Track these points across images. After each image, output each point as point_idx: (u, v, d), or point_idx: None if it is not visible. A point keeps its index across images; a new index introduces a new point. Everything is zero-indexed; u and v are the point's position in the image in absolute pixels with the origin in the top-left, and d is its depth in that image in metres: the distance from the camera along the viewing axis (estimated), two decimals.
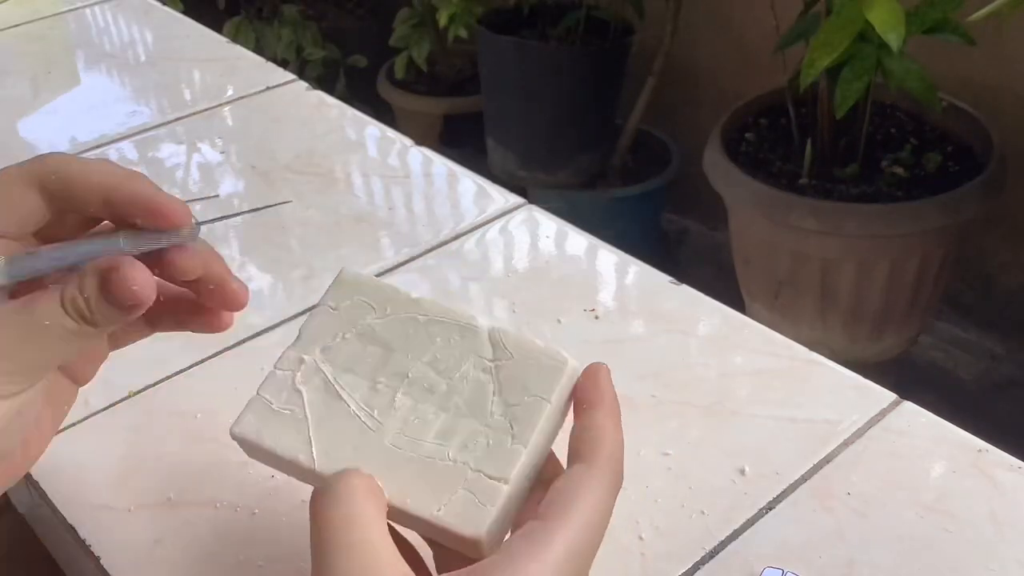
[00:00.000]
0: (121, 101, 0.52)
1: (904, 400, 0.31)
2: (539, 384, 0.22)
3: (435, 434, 0.22)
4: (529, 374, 0.22)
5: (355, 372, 0.23)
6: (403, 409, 0.22)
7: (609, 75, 1.13)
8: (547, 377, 0.22)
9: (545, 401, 0.22)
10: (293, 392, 0.23)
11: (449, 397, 0.22)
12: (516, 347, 0.23)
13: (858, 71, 0.77)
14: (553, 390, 0.22)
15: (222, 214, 0.25)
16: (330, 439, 0.22)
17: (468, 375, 0.23)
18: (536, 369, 0.22)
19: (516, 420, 0.22)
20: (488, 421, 0.22)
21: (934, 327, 1.03)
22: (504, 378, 0.22)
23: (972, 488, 0.28)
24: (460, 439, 0.22)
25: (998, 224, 0.97)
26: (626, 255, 0.39)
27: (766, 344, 0.34)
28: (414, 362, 0.23)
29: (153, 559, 0.27)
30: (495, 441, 0.22)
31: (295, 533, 0.28)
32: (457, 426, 0.22)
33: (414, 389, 0.23)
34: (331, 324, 0.24)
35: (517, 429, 0.22)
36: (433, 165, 0.46)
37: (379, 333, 0.23)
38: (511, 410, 0.22)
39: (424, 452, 0.22)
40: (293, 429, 0.22)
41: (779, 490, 0.28)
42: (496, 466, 0.22)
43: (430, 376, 0.23)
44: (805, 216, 0.86)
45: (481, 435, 0.22)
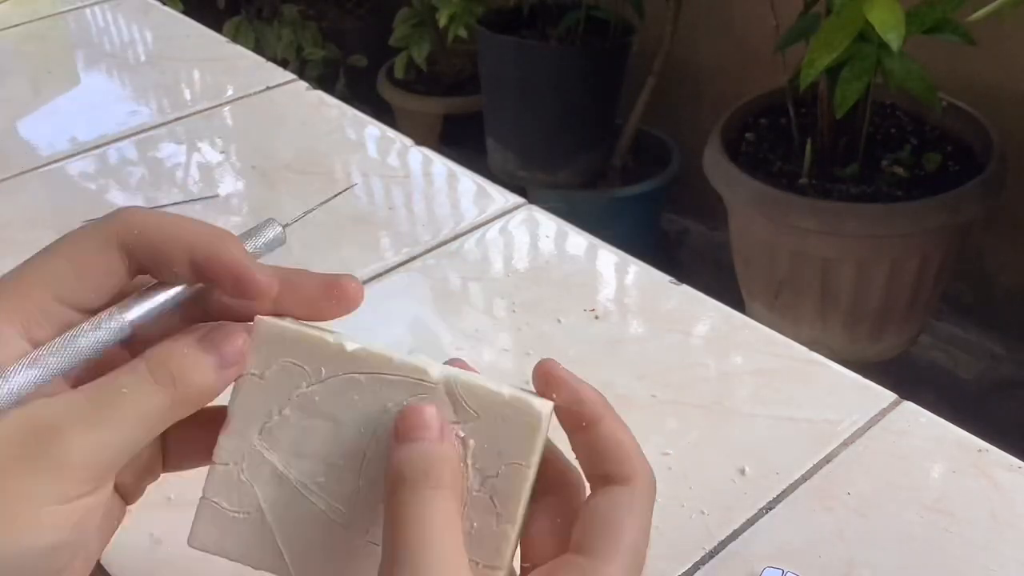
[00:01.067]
0: (121, 101, 0.52)
1: (904, 400, 0.31)
2: (515, 449, 0.19)
3: None
4: (501, 437, 0.19)
5: (304, 455, 0.20)
6: (369, 497, 0.20)
7: (609, 75, 1.13)
8: (521, 437, 0.19)
9: (525, 467, 0.20)
10: (243, 489, 0.20)
11: None
12: (478, 403, 0.20)
13: (858, 71, 0.77)
14: (532, 453, 0.20)
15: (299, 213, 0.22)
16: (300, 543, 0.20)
17: None
18: (506, 429, 0.20)
19: (497, 494, 0.19)
20: (468, 500, 0.20)
21: (934, 327, 1.03)
22: (474, 446, 0.20)
23: (972, 488, 0.28)
24: None
25: (998, 224, 0.97)
26: (626, 255, 0.39)
27: (766, 344, 0.34)
28: (368, 436, 0.20)
29: (153, 559, 0.27)
30: (480, 523, 0.19)
31: None
32: None
33: (376, 469, 0.20)
34: (262, 398, 0.20)
35: (500, 506, 0.19)
36: (433, 165, 0.46)
37: (320, 404, 0.20)
38: (490, 483, 0.20)
39: None
40: (257, 536, 0.20)
41: (779, 490, 0.28)
42: (487, 553, 0.19)
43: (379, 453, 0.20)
44: (805, 216, 0.86)
45: (466, 519, 0.19)
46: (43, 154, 0.47)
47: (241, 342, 0.19)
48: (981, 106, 0.92)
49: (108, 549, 0.28)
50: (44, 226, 0.42)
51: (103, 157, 0.47)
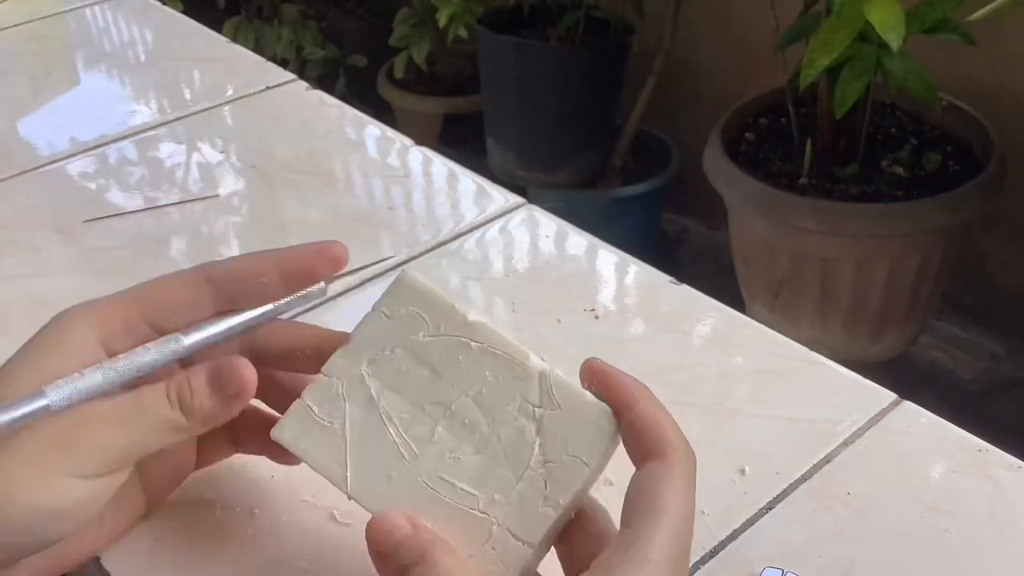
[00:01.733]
0: (121, 101, 0.52)
1: (904, 400, 0.31)
2: (581, 444, 0.21)
3: (469, 478, 0.21)
4: (573, 431, 0.21)
5: (400, 392, 0.23)
6: (441, 444, 0.22)
7: (609, 75, 1.13)
8: (591, 438, 0.21)
9: (585, 465, 0.21)
10: (337, 403, 0.23)
11: (488, 439, 0.22)
12: (564, 397, 0.22)
13: (858, 71, 0.77)
14: (595, 454, 0.21)
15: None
16: (365, 463, 0.22)
17: (511, 418, 0.22)
18: (581, 427, 0.21)
19: (551, 479, 0.21)
20: (523, 474, 0.21)
21: (934, 327, 1.03)
22: (547, 429, 0.22)
23: (972, 488, 0.28)
24: (492, 488, 0.21)
25: (998, 224, 0.97)
26: (626, 255, 0.39)
27: (766, 344, 0.34)
28: (459, 394, 0.22)
29: (153, 559, 0.27)
30: (528, 498, 0.21)
31: (295, 533, 0.28)
32: (492, 473, 0.21)
33: (455, 424, 0.22)
34: (382, 333, 0.23)
35: (551, 490, 0.21)
36: (433, 165, 0.46)
37: (429, 353, 0.23)
38: (548, 467, 0.21)
39: (455, 497, 0.21)
40: (331, 445, 0.22)
41: (779, 490, 0.28)
42: (524, 527, 0.21)
43: (473, 412, 0.22)
44: (805, 216, 0.86)
45: (514, 489, 0.21)
46: (43, 154, 0.47)
47: (244, 378, 0.22)
48: (981, 106, 0.92)
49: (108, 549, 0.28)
50: (44, 226, 0.42)
51: (103, 157, 0.47)
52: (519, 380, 0.22)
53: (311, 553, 0.27)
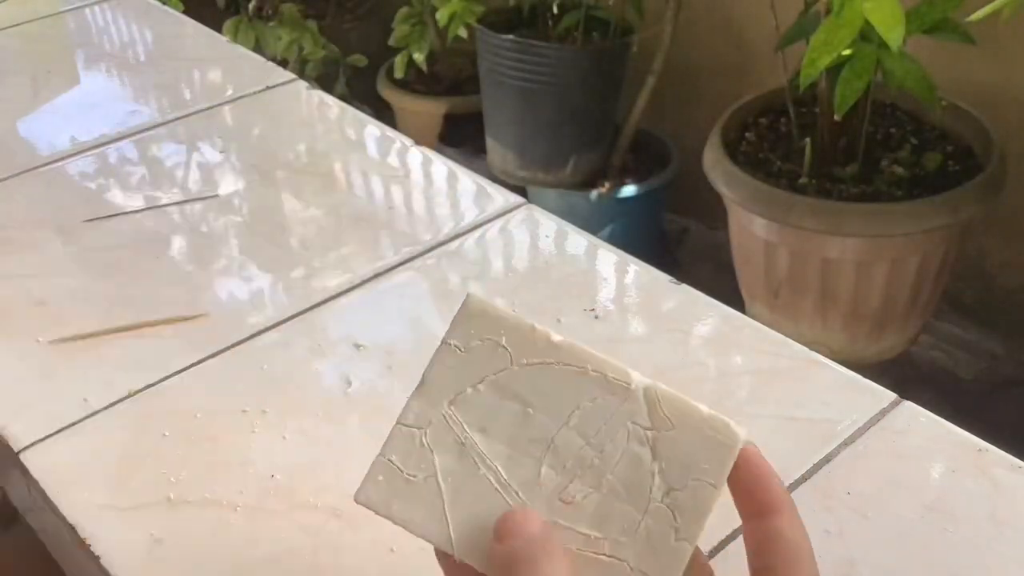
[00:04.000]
0: (121, 101, 0.52)
1: (904, 400, 0.31)
2: (705, 465, 0.19)
3: (588, 520, 0.19)
4: (693, 451, 0.19)
5: (490, 434, 0.20)
6: (549, 486, 0.20)
7: (609, 75, 1.13)
8: (714, 457, 0.19)
9: (713, 488, 0.19)
10: (423, 454, 0.20)
11: (601, 473, 0.20)
12: (676, 413, 0.20)
13: (858, 71, 0.77)
14: (722, 474, 0.19)
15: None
16: (468, 518, 0.20)
17: (622, 447, 0.19)
18: (701, 445, 0.19)
19: (679, 509, 0.19)
20: (648, 507, 0.19)
21: (934, 327, 1.03)
22: (664, 453, 0.19)
23: (972, 488, 0.28)
24: (617, 529, 0.19)
25: (998, 223, 0.97)
26: (626, 255, 0.39)
27: (766, 344, 0.34)
28: (559, 426, 0.20)
29: (153, 559, 0.27)
30: (657, 534, 0.19)
31: (295, 533, 0.28)
32: (612, 512, 0.19)
33: (560, 461, 0.20)
34: (460, 370, 0.21)
35: (682, 521, 0.19)
36: (433, 165, 0.46)
37: (516, 385, 0.20)
38: (673, 496, 0.19)
39: (577, 543, 0.19)
40: (426, 501, 0.20)
41: None
42: (659, 566, 0.19)
43: (578, 444, 0.20)
44: (805, 215, 0.86)
45: (640, 525, 0.19)
46: (43, 154, 0.47)
47: None
48: (981, 106, 0.92)
49: (108, 549, 0.28)
50: (44, 226, 0.42)
51: (103, 157, 0.47)
52: (622, 401, 0.20)
53: (311, 553, 0.27)
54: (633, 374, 0.20)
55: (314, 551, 0.27)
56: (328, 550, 0.27)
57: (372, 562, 0.27)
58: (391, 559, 0.27)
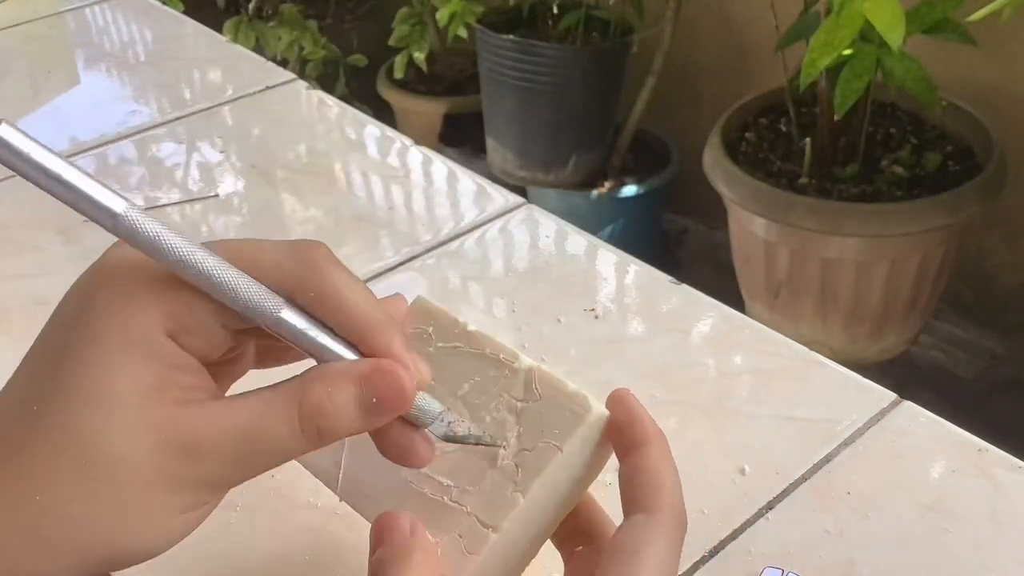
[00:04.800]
0: (121, 100, 0.52)
1: (904, 400, 0.31)
2: (555, 430, 0.21)
3: (447, 471, 0.22)
4: (549, 418, 0.21)
5: None
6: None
7: (609, 75, 1.13)
8: (565, 423, 0.21)
9: (556, 449, 0.21)
10: None
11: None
12: (545, 388, 0.22)
13: (858, 71, 0.77)
14: (567, 438, 0.21)
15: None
16: (359, 465, 0.23)
17: (494, 413, 0.22)
18: (557, 413, 0.21)
19: (523, 466, 0.21)
20: (498, 464, 0.21)
21: (934, 327, 1.03)
22: (526, 420, 0.22)
23: (972, 488, 0.28)
24: (466, 479, 0.21)
25: (998, 224, 0.97)
26: (626, 255, 0.39)
27: (766, 344, 0.34)
28: (449, 395, 0.23)
29: (152, 559, 0.27)
30: (499, 486, 0.21)
31: (296, 533, 0.28)
32: (469, 466, 0.22)
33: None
34: None
35: (521, 476, 0.21)
36: (433, 165, 0.46)
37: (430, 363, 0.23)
38: (522, 455, 0.21)
39: (432, 489, 0.22)
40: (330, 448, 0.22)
41: (779, 490, 0.28)
42: (490, 513, 0.21)
43: (459, 410, 0.22)
44: (805, 215, 0.86)
45: (487, 478, 0.21)
46: None
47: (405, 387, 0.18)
48: (981, 106, 0.92)
49: None
50: (44, 226, 0.42)
51: (103, 157, 0.47)
52: (506, 378, 0.22)
53: (311, 553, 0.27)
54: (522, 357, 0.23)
55: (314, 552, 0.27)
56: (328, 551, 0.27)
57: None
58: None
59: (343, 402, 0.18)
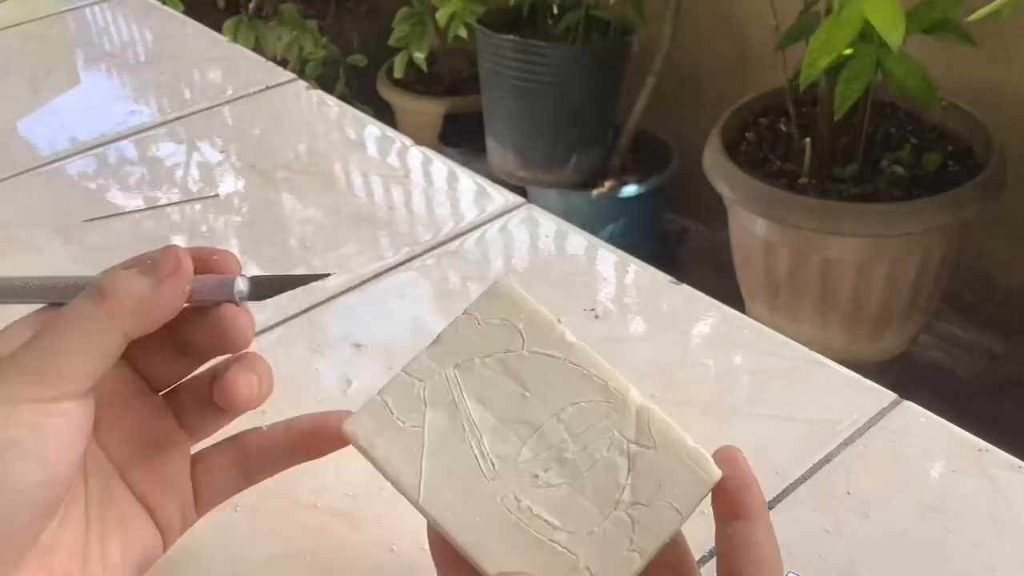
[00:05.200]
0: (121, 100, 0.52)
1: (904, 400, 0.31)
2: (676, 490, 0.20)
3: (551, 508, 0.20)
4: (667, 474, 0.20)
5: (485, 404, 0.21)
6: (525, 466, 0.20)
7: (609, 75, 1.13)
8: (687, 486, 0.20)
9: (678, 514, 0.20)
10: (417, 404, 0.21)
11: (577, 469, 0.20)
12: (661, 436, 0.20)
13: (858, 71, 0.77)
14: (689, 504, 0.20)
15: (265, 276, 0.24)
16: (441, 473, 0.21)
17: (603, 452, 0.20)
18: (677, 472, 0.20)
19: (639, 524, 0.20)
20: (611, 513, 0.20)
21: (934, 327, 1.03)
22: (640, 468, 0.20)
23: (972, 488, 0.28)
24: (576, 523, 0.20)
25: (998, 223, 0.97)
26: (626, 254, 0.39)
27: (766, 343, 0.34)
28: (550, 415, 0.21)
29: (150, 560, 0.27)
30: (613, 539, 0.20)
31: (296, 533, 0.28)
32: (576, 507, 0.20)
33: (542, 446, 0.21)
34: (474, 339, 0.22)
35: (638, 534, 0.20)
36: (433, 165, 0.46)
37: (521, 368, 0.21)
38: (638, 509, 0.20)
39: (535, 526, 0.20)
40: (407, 447, 0.21)
41: (779, 490, 0.28)
42: (606, 569, 0.19)
43: (562, 437, 0.21)
44: (805, 215, 0.86)
45: (599, 527, 0.20)
46: (43, 154, 0.47)
47: (178, 257, 0.21)
48: (981, 106, 0.92)
49: None
50: (44, 226, 0.42)
51: (103, 157, 0.47)
52: (615, 410, 0.21)
53: (311, 553, 0.27)
54: (633, 391, 0.21)
55: (314, 552, 0.27)
56: (328, 550, 0.27)
57: (372, 562, 0.27)
58: (391, 559, 0.27)
59: (123, 268, 0.21)
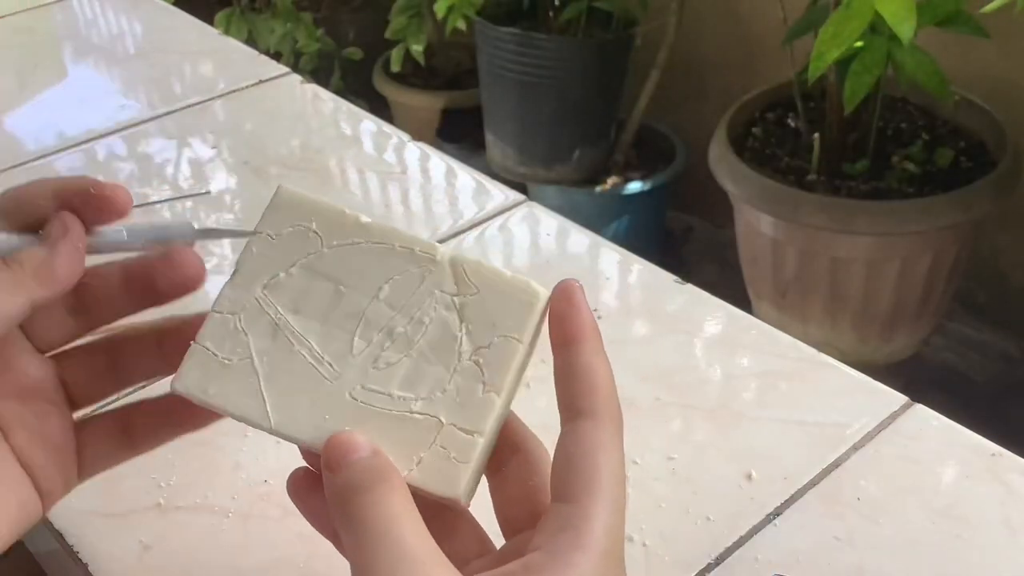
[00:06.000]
0: (110, 95, 0.52)
1: (915, 403, 0.31)
2: (509, 322, 0.20)
3: (399, 383, 0.20)
4: (497, 310, 0.20)
5: (304, 313, 0.21)
6: (361, 355, 0.20)
7: (612, 68, 1.12)
8: (517, 313, 0.20)
9: (517, 342, 0.20)
10: (237, 338, 0.21)
11: (411, 339, 0.20)
12: (480, 279, 0.21)
13: (868, 64, 0.76)
14: (525, 328, 0.20)
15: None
16: (284, 393, 0.20)
17: (430, 313, 0.20)
18: (505, 304, 0.20)
19: (487, 364, 0.20)
20: (456, 366, 0.20)
21: (946, 327, 1.02)
22: (470, 316, 0.20)
23: (985, 493, 0.28)
24: (427, 388, 0.20)
25: (1012, 221, 0.96)
26: (629, 253, 0.38)
27: (773, 345, 0.33)
28: (369, 300, 0.21)
29: (143, 566, 0.27)
30: (465, 389, 0.20)
31: (288, 540, 0.27)
32: (423, 373, 0.20)
33: (371, 331, 0.21)
34: (272, 256, 0.21)
35: (488, 375, 0.20)
36: (431, 161, 0.45)
37: (327, 266, 0.21)
38: (480, 352, 0.20)
39: (390, 405, 0.20)
40: (242, 382, 0.20)
41: (787, 495, 0.28)
42: (469, 418, 0.20)
43: (388, 315, 0.21)
44: (813, 213, 0.85)
45: (449, 382, 0.20)
46: (29, 149, 0.47)
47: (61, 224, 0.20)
48: (994, 100, 0.90)
49: (96, 556, 0.27)
50: None
51: (91, 152, 0.47)
52: (430, 273, 0.21)
53: (305, 560, 0.27)
54: (439, 247, 0.21)
55: (307, 558, 0.27)
56: (321, 558, 0.27)
57: None
58: None
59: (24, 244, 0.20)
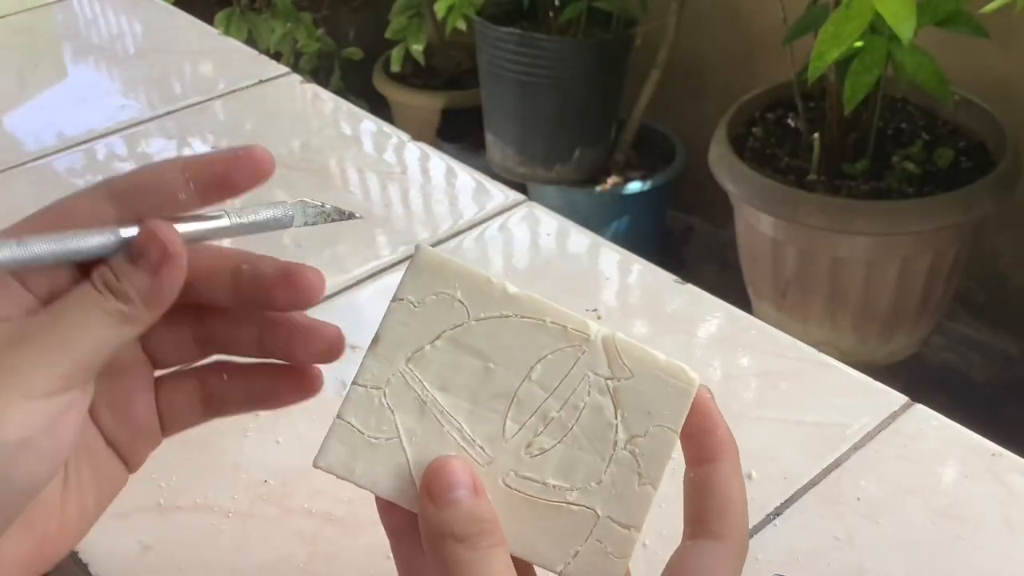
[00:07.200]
0: (110, 95, 0.52)
1: (915, 403, 0.31)
2: (665, 411, 0.20)
3: (553, 471, 0.20)
4: (652, 397, 0.20)
5: (451, 390, 0.20)
6: (514, 440, 0.20)
7: (612, 68, 1.12)
8: (672, 402, 0.20)
9: (672, 432, 0.20)
10: (383, 415, 0.20)
11: (564, 424, 0.20)
12: (634, 361, 0.20)
13: (868, 64, 0.76)
14: (680, 418, 0.20)
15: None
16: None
17: (584, 397, 0.20)
18: (660, 390, 0.20)
19: (642, 455, 0.20)
20: (611, 455, 0.20)
21: (946, 327, 1.02)
22: (625, 402, 0.20)
23: (985, 493, 0.28)
24: (582, 477, 0.20)
25: (1012, 221, 0.96)
26: (629, 253, 0.38)
27: (773, 345, 0.33)
28: (521, 379, 0.20)
29: (143, 566, 0.27)
30: (621, 480, 0.20)
31: (289, 539, 0.27)
32: (577, 460, 0.20)
33: (524, 414, 0.20)
34: (415, 327, 0.20)
35: (644, 466, 0.20)
36: (430, 161, 0.45)
37: (475, 340, 0.20)
38: (635, 442, 0.20)
39: (545, 494, 0.20)
40: (390, 463, 0.20)
41: (787, 495, 0.28)
42: (625, 512, 0.19)
43: (540, 397, 0.20)
44: (813, 213, 0.85)
45: (605, 472, 0.20)
46: (29, 149, 0.47)
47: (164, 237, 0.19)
48: (994, 101, 0.90)
49: (97, 556, 0.27)
50: None
51: (91, 152, 0.46)
52: (583, 352, 0.20)
53: (305, 560, 0.27)
54: (592, 324, 0.20)
55: (308, 558, 0.27)
56: (322, 557, 0.27)
57: (368, 569, 0.26)
58: (387, 566, 0.26)
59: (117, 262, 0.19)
